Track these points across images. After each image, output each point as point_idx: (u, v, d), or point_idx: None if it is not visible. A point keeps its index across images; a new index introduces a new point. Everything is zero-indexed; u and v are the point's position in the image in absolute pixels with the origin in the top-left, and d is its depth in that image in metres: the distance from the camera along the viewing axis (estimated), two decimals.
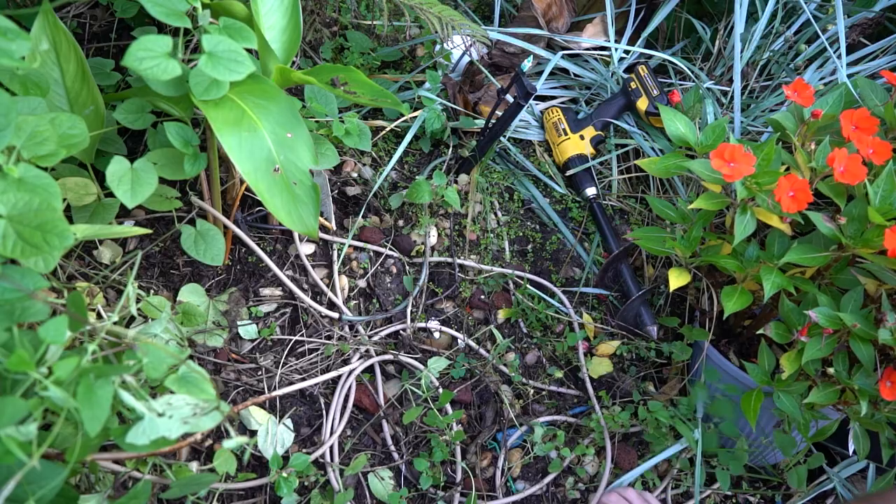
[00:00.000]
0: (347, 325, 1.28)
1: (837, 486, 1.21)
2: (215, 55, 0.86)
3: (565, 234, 1.44)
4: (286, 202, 0.95)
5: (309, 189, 0.97)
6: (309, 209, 0.98)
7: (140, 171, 0.99)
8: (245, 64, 0.87)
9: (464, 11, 1.66)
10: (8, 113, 0.74)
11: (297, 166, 0.96)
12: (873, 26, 1.48)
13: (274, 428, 1.16)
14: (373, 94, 1.03)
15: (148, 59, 0.83)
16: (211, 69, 0.85)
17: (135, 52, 0.82)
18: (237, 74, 0.87)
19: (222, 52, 0.87)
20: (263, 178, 0.93)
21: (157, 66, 0.83)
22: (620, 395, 1.30)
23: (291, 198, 0.96)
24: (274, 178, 0.94)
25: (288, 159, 0.96)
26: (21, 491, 0.67)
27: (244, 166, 0.92)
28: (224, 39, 0.87)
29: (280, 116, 0.96)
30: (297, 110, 0.98)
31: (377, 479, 1.17)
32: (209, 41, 0.86)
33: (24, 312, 0.70)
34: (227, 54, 0.87)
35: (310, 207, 0.98)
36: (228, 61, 0.87)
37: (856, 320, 0.98)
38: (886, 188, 0.99)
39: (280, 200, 0.95)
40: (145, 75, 0.83)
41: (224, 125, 0.90)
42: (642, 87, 1.45)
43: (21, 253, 0.71)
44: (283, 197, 0.95)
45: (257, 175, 0.93)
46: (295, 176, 0.96)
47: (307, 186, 0.97)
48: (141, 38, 0.83)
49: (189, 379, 0.77)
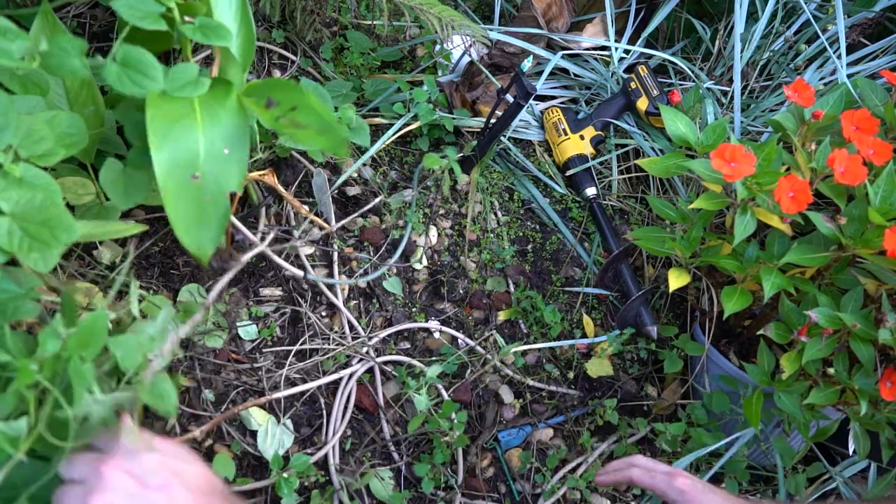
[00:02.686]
0: (348, 327, 1.28)
1: (840, 486, 1.21)
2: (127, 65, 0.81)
3: (565, 234, 1.44)
4: (189, 214, 0.86)
5: (221, 212, 0.87)
6: (211, 232, 0.87)
7: (133, 174, 0.98)
8: (155, 80, 0.81)
9: (464, 11, 1.66)
10: (7, 112, 0.74)
11: (219, 184, 0.87)
12: (873, 26, 1.48)
13: (274, 428, 1.16)
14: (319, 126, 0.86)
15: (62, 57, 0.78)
16: (114, 78, 0.80)
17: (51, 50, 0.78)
18: (140, 89, 0.81)
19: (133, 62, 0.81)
20: (176, 181, 0.85)
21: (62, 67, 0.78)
22: (621, 396, 1.30)
23: (197, 213, 0.86)
24: (187, 185, 0.85)
25: (213, 172, 0.87)
26: (13, 488, 0.67)
27: (161, 157, 0.84)
28: (139, 51, 0.81)
29: (227, 129, 0.88)
30: (247, 132, 0.90)
31: (377, 479, 1.17)
32: (123, 49, 0.80)
33: (16, 311, 0.70)
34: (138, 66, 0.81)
35: (213, 230, 0.87)
36: (136, 74, 0.81)
37: (856, 320, 0.98)
38: (887, 189, 0.99)
39: (183, 210, 0.85)
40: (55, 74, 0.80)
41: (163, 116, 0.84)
42: (642, 87, 1.45)
43: (27, 248, 0.71)
44: (188, 208, 0.85)
45: (171, 174, 0.84)
46: (212, 193, 0.86)
47: (219, 206, 0.87)
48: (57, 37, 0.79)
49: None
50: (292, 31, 1.49)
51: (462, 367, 1.28)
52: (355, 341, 1.26)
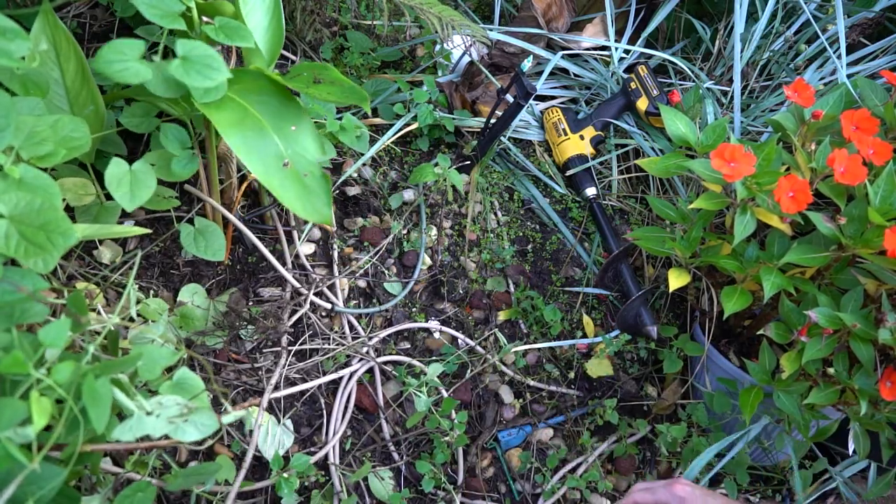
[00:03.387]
0: (348, 327, 1.28)
1: (840, 486, 1.21)
2: (189, 60, 0.84)
3: (565, 234, 1.44)
4: (300, 195, 0.95)
5: (320, 179, 0.98)
6: (322, 199, 0.98)
7: (139, 174, 0.99)
8: (220, 70, 0.85)
9: (464, 11, 1.66)
10: (7, 113, 0.74)
11: (306, 158, 0.97)
12: (873, 26, 1.47)
13: (274, 428, 1.16)
14: (342, 94, 1.00)
15: (118, 62, 0.82)
16: (183, 75, 0.83)
17: (105, 55, 0.81)
18: (210, 81, 0.85)
19: (196, 57, 0.84)
20: (275, 175, 0.94)
21: (126, 70, 0.82)
22: (621, 396, 1.30)
23: (304, 190, 0.96)
24: (285, 173, 0.94)
25: (296, 152, 0.96)
26: (21, 492, 0.67)
27: (254, 166, 0.92)
28: (199, 45, 0.85)
29: (282, 111, 0.96)
30: (299, 103, 0.98)
31: (377, 479, 1.17)
32: (183, 46, 0.84)
33: (23, 314, 0.71)
34: (202, 59, 0.85)
35: (322, 197, 0.98)
36: (202, 67, 0.85)
37: (856, 320, 0.98)
38: (886, 188, 0.99)
39: (293, 194, 0.95)
40: (116, 79, 0.82)
41: (228, 126, 0.90)
42: (642, 87, 1.45)
43: (24, 252, 0.71)
44: (295, 190, 0.95)
45: (268, 172, 0.93)
46: (304, 168, 0.96)
47: (317, 177, 0.97)
48: (114, 42, 0.83)
49: (184, 385, 0.78)
50: (292, 30, 1.49)
51: (462, 367, 1.28)
52: (355, 341, 1.26)
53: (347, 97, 0.99)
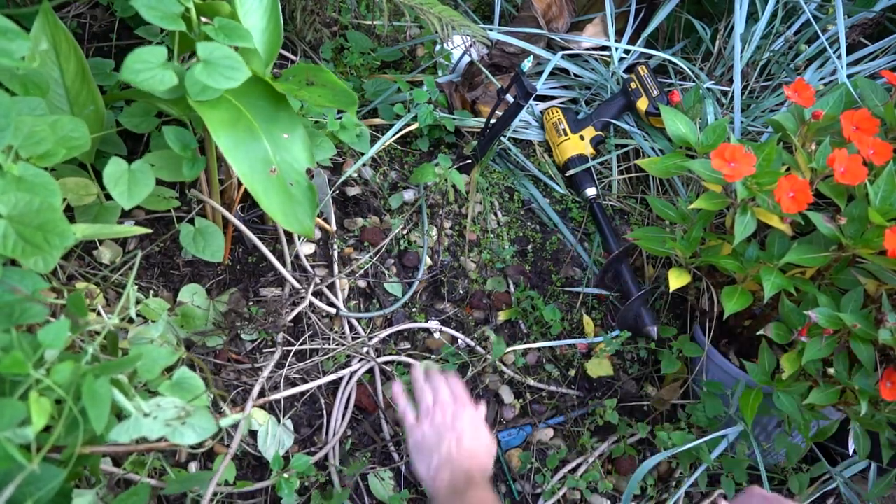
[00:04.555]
0: (348, 327, 1.28)
1: (841, 486, 1.21)
2: (211, 62, 0.85)
3: (565, 234, 1.44)
4: (282, 203, 0.95)
5: (305, 189, 0.97)
6: (305, 209, 0.97)
7: (137, 173, 0.99)
8: (241, 70, 0.86)
9: (464, 11, 1.66)
10: (7, 113, 0.74)
11: (294, 167, 0.96)
12: (873, 26, 1.48)
13: (274, 428, 1.16)
14: (333, 97, 0.98)
15: (145, 70, 0.83)
16: (206, 77, 0.84)
17: (131, 64, 0.82)
18: (233, 81, 0.86)
19: (218, 58, 0.85)
20: (260, 180, 0.93)
21: (153, 78, 0.83)
22: (621, 397, 1.30)
23: (288, 198, 0.96)
24: (270, 179, 0.94)
25: (284, 160, 0.95)
26: (20, 492, 0.67)
27: (240, 167, 0.92)
28: (219, 46, 0.86)
29: (276, 116, 0.96)
30: (294, 111, 0.98)
31: (377, 479, 1.17)
32: (204, 48, 0.85)
33: (23, 314, 0.71)
34: (223, 61, 0.86)
35: (306, 207, 0.97)
36: (224, 68, 0.85)
37: (856, 320, 0.98)
38: (887, 189, 0.99)
39: (276, 201, 0.95)
40: (143, 87, 0.83)
41: (220, 126, 0.90)
42: (642, 88, 1.45)
43: (22, 253, 0.72)
44: (279, 198, 0.95)
45: (253, 176, 0.93)
46: (291, 176, 0.96)
47: (303, 187, 0.97)
48: (137, 51, 0.83)
49: (183, 385, 0.78)
50: (292, 30, 1.49)
51: (462, 367, 1.28)
52: (355, 341, 1.26)
53: (337, 101, 0.98)
